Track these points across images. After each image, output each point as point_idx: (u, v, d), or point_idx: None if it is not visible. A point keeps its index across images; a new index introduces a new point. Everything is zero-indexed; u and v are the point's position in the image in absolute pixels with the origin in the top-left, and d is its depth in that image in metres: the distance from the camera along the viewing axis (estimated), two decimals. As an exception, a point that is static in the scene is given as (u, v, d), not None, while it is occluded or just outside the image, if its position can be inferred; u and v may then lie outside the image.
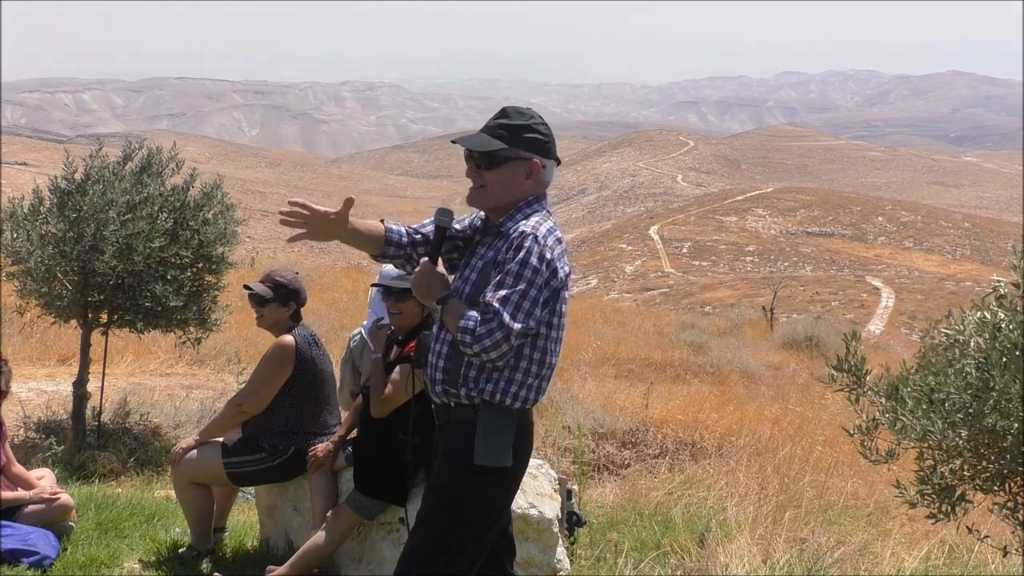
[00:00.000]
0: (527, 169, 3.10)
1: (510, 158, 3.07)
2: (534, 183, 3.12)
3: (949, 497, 2.87)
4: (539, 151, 3.10)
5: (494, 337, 2.87)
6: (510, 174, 3.08)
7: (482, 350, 2.88)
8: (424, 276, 3.06)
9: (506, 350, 2.90)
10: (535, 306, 2.94)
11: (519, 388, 3.02)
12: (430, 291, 3.05)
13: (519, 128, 3.08)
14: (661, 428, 8.84)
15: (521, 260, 2.93)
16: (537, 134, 3.10)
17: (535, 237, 2.97)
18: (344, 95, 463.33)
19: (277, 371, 4.61)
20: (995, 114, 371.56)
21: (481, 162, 3.08)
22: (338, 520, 4.37)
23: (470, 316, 2.90)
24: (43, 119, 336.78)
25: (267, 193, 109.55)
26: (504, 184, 3.08)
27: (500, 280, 2.93)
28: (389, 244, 3.16)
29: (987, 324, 2.68)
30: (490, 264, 3.05)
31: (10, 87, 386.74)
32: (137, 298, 6.53)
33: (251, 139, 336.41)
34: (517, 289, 2.91)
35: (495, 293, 2.91)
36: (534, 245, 2.95)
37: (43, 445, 6.51)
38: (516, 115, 3.11)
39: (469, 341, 2.88)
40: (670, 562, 4.76)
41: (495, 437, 2.97)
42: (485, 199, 3.11)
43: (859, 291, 51.41)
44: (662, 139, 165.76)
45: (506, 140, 3.06)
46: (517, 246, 2.96)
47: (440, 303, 3.01)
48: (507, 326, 2.87)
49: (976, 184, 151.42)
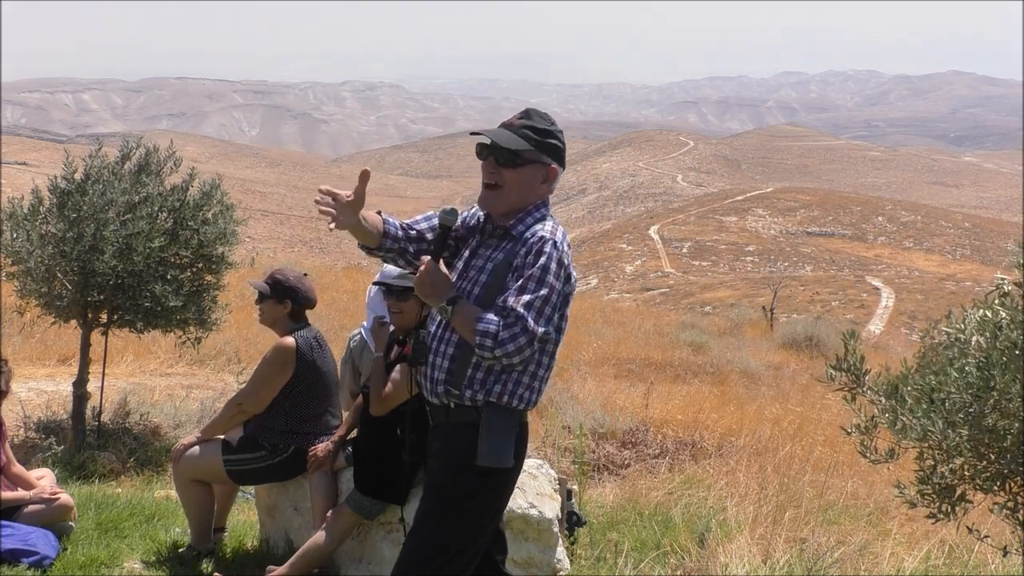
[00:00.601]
0: (544, 174, 3.10)
1: (533, 161, 3.06)
2: (547, 189, 3.13)
3: (949, 497, 2.87)
4: (558, 159, 3.12)
5: (518, 342, 2.86)
6: (529, 177, 3.07)
7: (504, 354, 2.87)
8: (429, 275, 3.02)
9: (528, 355, 2.91)
10: (555, 311, 2.96)
11: (525, 390, 3.03)
12: (436, 291, 3.00)
13: (545, 132, 3.08)
14: (661, 428, 8.84)
15: (543, 266, 2.93)
16: (558, 141, 3.11)
17: (554, 243, 2.98)
18: (344, 95, 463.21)
19: (277, 372, 4.61)
20: (995, 114, 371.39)
21: (504, 160, 3.05)
22: (338, 520, 4.37)
23: (490, 320, 2.88)
24: (43, 119, 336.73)
25: (267, 193, 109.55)
26: (522, 186, 3.07)
27: (522, 285, 2.92)
28: (387, 237, 3.13)
29: (988, 323, 2.68)
30: (502, 266, 3.02)
31: (10, 87, 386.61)
32: (137, 298, 6.53)
33: (251, 139, 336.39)
34: (540, 294, 2.91)
35: (518, 298, 2.90)
36: (554, 251, 2.96)
37: (43, 445, 6.51)
38: (540, 119, 3.11)
39: (491, 345, 2.86)
40: (670, 562, 4.76)
41: (499, 438, 2.97)
42: (500, 201, 3.08)
43: (859, 291, 51.39)
44: (662, 139, 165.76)
45: (532, 142, 3.05)
46: (538, 251, 2.96)
47: (450, 304, 2.97)
48: (531, 331, 2.87)
49: (976, 184, 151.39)
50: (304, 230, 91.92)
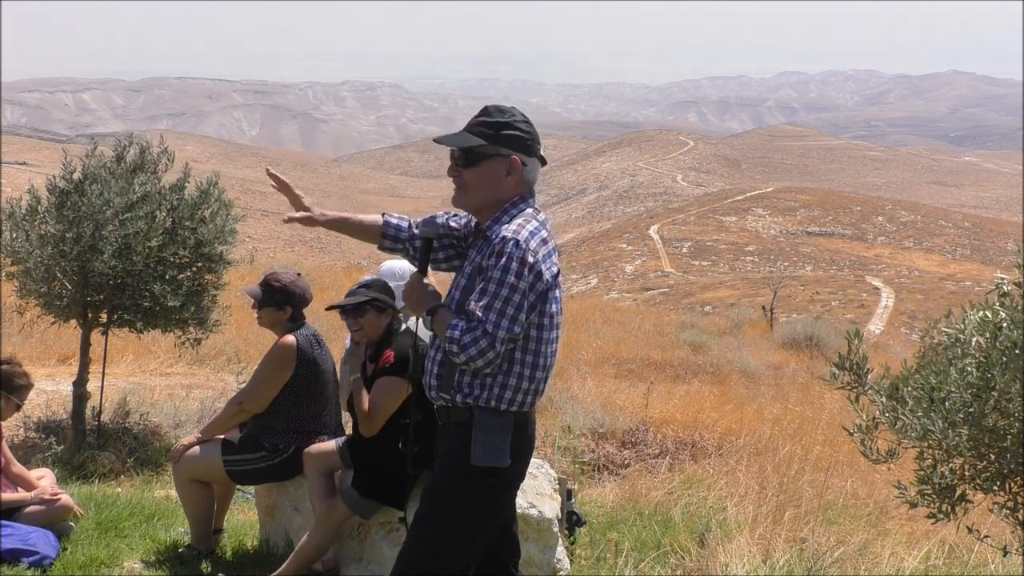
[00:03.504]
0: (507, 166, 3.07)
1: (489, 155, 3.05)
2: (515, 181, 3.08)
3: (949, 497, 2.86)
4: (520, 148, 3.07)
5: (479, 345, 2.87)
6: (489, 172, 3.06)
7: (468, 359, 2.89)
8: (412, 288, 3.09)
9: (492, 357, 2.90)
10: (520, 311, 2.92)
11: (514, 393, 3.00)
12: (420, 303, 3.06)
13: (499, 125, 3.06)
14: (661, 428, 8.83)
15: (503, 267, 2.92)
16: (517, 131, 3.06)
17: (516, 242, 2.94)
18: (344, 95, 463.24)
19: (278, 371, 4.61)
20: (995, 114, 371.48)
21: (460, 160, 3.07)
22: (332, 513, 4.33)
23: (456, 325, 2.92)
24: (43, 119, 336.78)
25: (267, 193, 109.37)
26: (484, 182, 3.06)
27: (483, 287, 2.93)
28: (385, 237, 3.25)
29: (988, 323, 2.68)
30: (477, 269, 3.04)
31: (10, 87, 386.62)
32: (136, 298, 6.52)
33: (251, 139, 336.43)
34: (499, 296, 2.90)
35: (478, 301, 2.92)
36: (515, 250, 2.92)
37: (43, 445, 6.51)
38: (497, 113, 3.09)
39: (456, 351, 2.90)
40: (670, 562, 4.76)
41: (491, 437, 2.97)
42: (466, 199, 3.10)
43: (859, 291, 51.38)
44: (662, 139, 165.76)
45: (486, 137, 3.05)
46: (498, 252, 2.94)
47: (429, 314, 3.02)
48: (491, 334, 2.87)
49: (976, 184, 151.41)
50: (304, 230, 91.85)
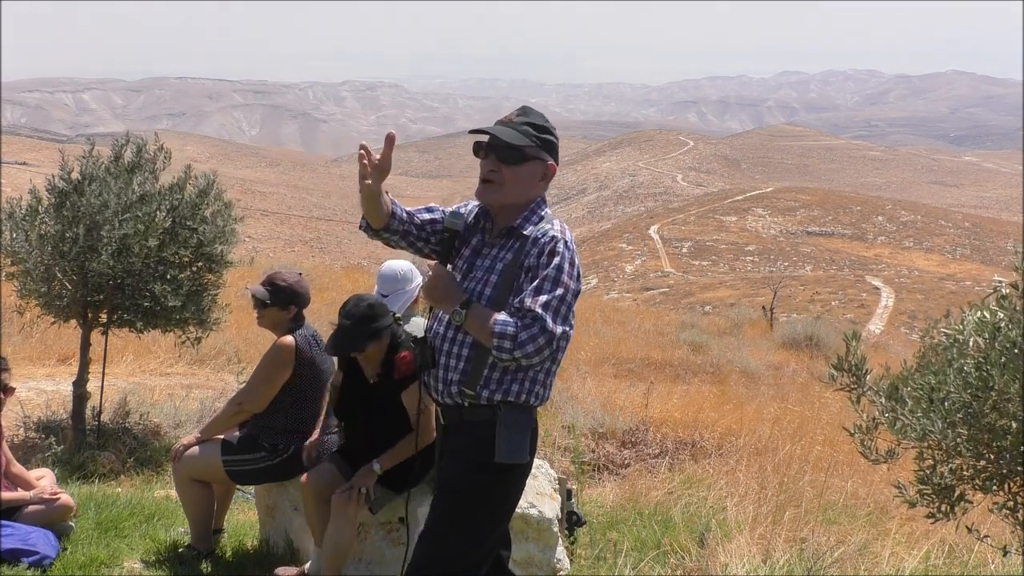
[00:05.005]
0: (544, 171, 3.11)
1: (533, 157, 3.07)
2: (544, 186, 3.14)
3: (949, 497, 2.86)
4: (554, 157, 3.14)
5: (537, 343, 2.86)
6: (528, 173, 3.08)
7: (524, 355, 2.87)
8: (440, 281, 3.05)
9: (547, 355, 2.91)
10: (570, 310, 2.97)
11: (540, 387, 3.06)
12: (449, 296, 3.03)
13: (543, 129, 3.09)
14: (661, 428, 8.84)
15: (557, 266, 2.94)
16: (553, 137, 3.13)
17: (565, 243, 3.00)
18: (344, 95, 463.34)
19: (277, 371, 4.61)
20: (995, 114, 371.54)
21: (505, 156, 3.05)
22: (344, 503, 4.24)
23: (507, 322, 2.89)
24: (43, 119, 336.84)
25: (267, 193, 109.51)
26: (521, 182, 3.07)
27: (539, 285, 2.92)
28: (394, 218, 3.16)
29: (987, 324, 2.68)
30: (512, 267, 3.02)
31: (10, 87, 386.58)
32: (136, 298, 6.52)
33: (251, 139, 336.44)
34: (556, 294, 2.91)
35: (535, 299, 2.90)
36: (566, 251, 2.98)
37: (43, 445, 6.51)
38: (536, 116, 3.12)
39: (509, 347, 2.87)
40: (670, 562, 4.76)
41: (516, 435, 3.01)
42: (500, 195, 3.08)
43: (859, 291, 51.39)
44: (662, 139, 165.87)
45: (533, 139, 3.06)
46: (551, 251, 2.96)
47: (463, 307, 2.98)
48: (550, 331, 2.87)
49: (976, 184, 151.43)
50: (304, 230, 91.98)
